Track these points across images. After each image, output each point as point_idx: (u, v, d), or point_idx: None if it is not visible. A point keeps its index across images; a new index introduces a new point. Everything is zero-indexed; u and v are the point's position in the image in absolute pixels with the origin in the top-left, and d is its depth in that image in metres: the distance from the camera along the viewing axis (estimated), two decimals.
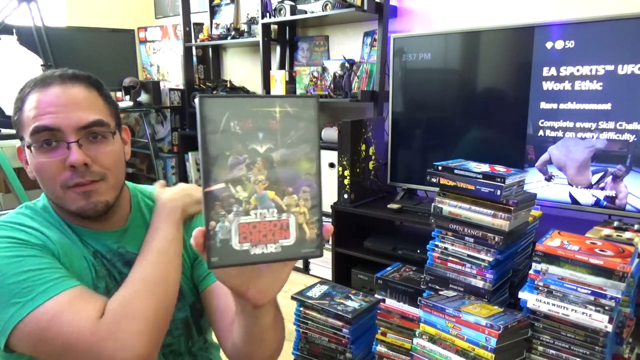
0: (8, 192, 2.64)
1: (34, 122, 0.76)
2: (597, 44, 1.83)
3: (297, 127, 0.52)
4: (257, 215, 0.52)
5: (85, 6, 3.79)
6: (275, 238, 0.52)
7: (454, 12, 2.48)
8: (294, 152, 0.52)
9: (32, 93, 0.79)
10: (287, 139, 0.52)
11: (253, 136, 0.51)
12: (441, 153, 2.29)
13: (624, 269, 0.78)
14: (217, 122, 0.50)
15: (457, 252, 0.99)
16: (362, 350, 1.08)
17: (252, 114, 0.51)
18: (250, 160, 0.51)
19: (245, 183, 0.51)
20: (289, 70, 3.08)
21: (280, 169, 0.52)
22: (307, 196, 0.52)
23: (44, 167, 0.77)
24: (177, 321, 0.90)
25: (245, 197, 0.51)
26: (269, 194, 0.52)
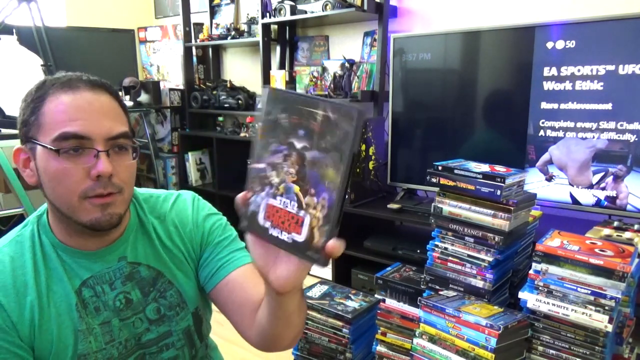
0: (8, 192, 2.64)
1: (62, 126, 0.72)
2: (597, 44, 1.83)
3: (333, 134, 0.52)
4: (282, 203, 0.56)
5: (85, 6, 3.79)
6: (290, 229, 0.55)
7: (454, 12, 2.48)
8: (324, 157, 0.53)
9: (55, 94, 0.74)
10: (322, 142, 0.53)
11: (295, 131, 0.55)
12: (441, 153, 2.29)
13: (624, 269, 0.77)
14: (274, 113, 0.56)
15: (457, 252, 0.99)
16: (362, 350, 1.08)
17: (300, 112, 0.54)
18: (287, 152, 0.55)
19: (279, 170, 0.56)
20: (289, 70, 3.08)
21: (309, 169, 0.54)
22: (324, 203, 0.53)
23: (67, 174, 0.73)
24: (179, 332, 0.89)
25: (277, 183, 0.56)
26: (295, 188, 0.55)
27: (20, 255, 0.79)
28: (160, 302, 0.87)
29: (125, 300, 0.83)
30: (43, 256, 0.80)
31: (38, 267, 0.78)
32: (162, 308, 0.87)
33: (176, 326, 0.88)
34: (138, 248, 0.86)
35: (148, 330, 0.86)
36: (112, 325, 0.82)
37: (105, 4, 3.90)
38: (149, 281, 0.86)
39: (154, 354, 0.87)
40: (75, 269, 0.80)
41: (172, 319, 0.88)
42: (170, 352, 0.88)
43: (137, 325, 0.85)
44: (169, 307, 0.88)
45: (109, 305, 0.82)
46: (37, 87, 0.77)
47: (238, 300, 0.86)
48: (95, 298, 0.81)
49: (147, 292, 0.86)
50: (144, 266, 0.86)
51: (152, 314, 0.86)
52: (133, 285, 0.85)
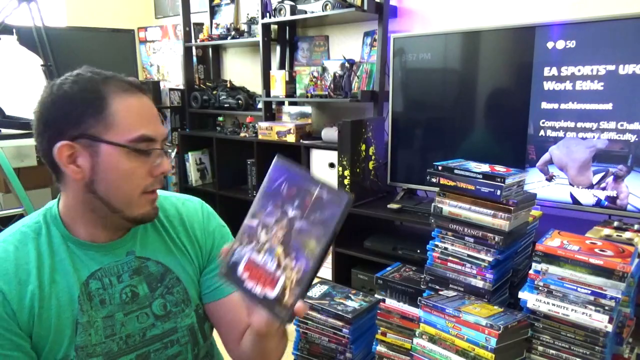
0: (8, 192, 2.64)
1: (141, 129, 0.77)
2: (598, 44, 1.83)
3: (323, 212, 0.61)
4: (262, 260, 0.63)
5: (85, 6, 3.79)
6: (264, 285, 0.62)
7: (454, 12, 2.48)
8: (310, 230, 0.61)
9: (120, 96, 0.77)
10: (311, 216, 0.61)
11: (290, 201, 0.63)
12: (441, 153, 2.29)
13: (624, 269, 0.77)
14: (275, 180, 0.64)
15: (457, 252, 0.99)
16: (362, 350, 1.08)
17: (299, 185, 0.63)
18: (280, 217, 0.63)
19: (269, 231, 0.64)
20: (289, 70, 3.08)
21: (295, 236, 0.62)
22: (300, 269, 0.61)
23: (136, 172, 0.78)
24: (184, 329, 0.90)
25: (263, 241, 0.64)
26: (277, 249, 0.63)
27: (24, 244, 0.80)
28: (167, 298, 0.88)
29: (132, 294, 0.84)
30: (50, 247, 0.81)
31: (42, 257, 0.79)
32: (169, 304, 0.88)
33: (181, 322, 0.89)
34: (148, 244, 0.88)
35: (153, 325, 0.86)
36: (115, 319, 0.82)
37: (105, 4, 3.90)
38: (157, 277, 0.88)
39: (159, 351, 0.87)
40: (85, 261, 0.82)
41: (177, 315, 0.89)
42: (175, 349, 0.89)
43: (142, 320, 0.85)
44: (175, 304, 0.89)
45: (115, 298, 0.83)
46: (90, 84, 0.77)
47: (231, 322, 0.91)
48: (102, 290, 0.82)
49: (155, 287, 0.87)
50: (152, 262, 0.87)
51: (159, 309, 0.87)
52: (141, 279, 0.86)
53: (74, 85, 0.76)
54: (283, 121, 3.14)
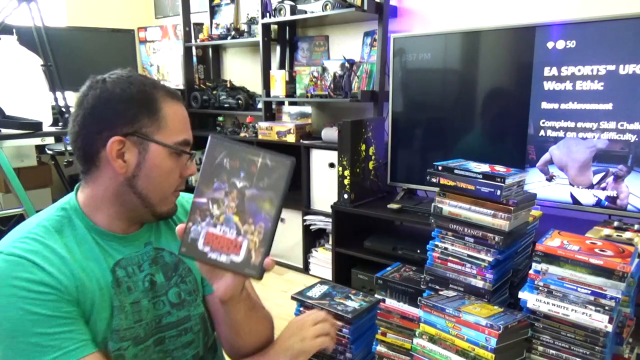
0: (8, 192, 2.64)
1: (184, 134, 0.86)
2: (598, 44, 1.83)
3: (270, 177, 0.67)
4: (221, 230, 0.68)
5: (85, 6, 3.79)
6: (229, 252, 0.68)
7: (454, 12, 2.48)
8: (261, 194, 0.67)
9: (168, 102, 0.84)
10: (260, 183, 0.67)
11: (236, 173, 0.68)
12: (441, 153, 2.29)
13: (624, 269, 0.77)
14: (215, 156, 0.68)
15: (457, 252, 0.99)
16: (362, 350, 1.07)
17: (241, 157, 0.67)
18: (228, 189, 0.68)
19: (220, 204, 0.68)
20: (289, 70, 3.08)
21: (248, 203, 0.68)
22: (261, 230, 0.67)
23: (173, 172, 0.85)
24: (196, 317, 0.94)
25: (217, 214, 0.68)
26: (234, 217, 0.68)
27: (50, 235, 0.80)
28: (182, 287, 0.92)
29: (151, 282, 0.88)
30: (75, 237, 0.82)
31: (71, 246, 0.81)
32: (183, 293, 0.92)
33: (194, 311, 0.93)
34: (161, 235, 0.93)
35: (169, 313, 0.90)
36: (142, 305, 0.86)
37: (105, 4, 3.90)
38: (171, 266, 0.92)
39: (174, 337, 0.91)
40: (109, 251, 0.85)
41: (191, 304, 0.93)
42: (188, 337, 0.92)
43: (158, 307, 0.89)
44: (189, 293, 0.93)
45: (138, 285, 0.86)
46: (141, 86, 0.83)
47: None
48: (127, 278, 0.85)
49: (170, 276, 0.91)
50: (167, 252, 0.92)
51: (174, 297, 0.91)
52: (157, 268, 0.90)
53: (131, 86, 0.82)
54: (283, 121, 3.14)
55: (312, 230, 2.90)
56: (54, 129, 2.27)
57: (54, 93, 2.27)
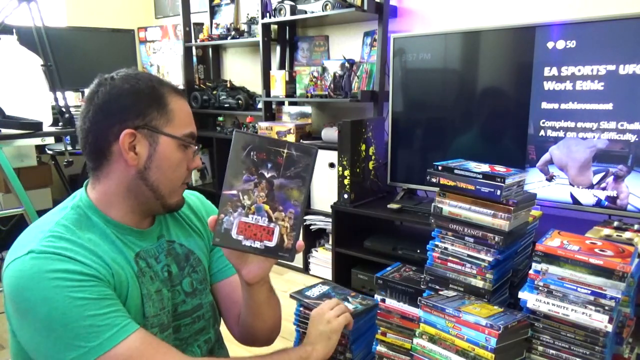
0: (8, 192, 2.64)
1: (190, 127, 0.90)
2: (598, 44, 1.83)
3: (297, 166, 0.72)
4: (253, 219, 0.73)
5: (85, 6, 3.79)
6: (262, 238, 0.73)
7: (454, 12, 2.48)
8: (289, 183, 0.72)
9: (174, 97, 0.87)
10: (287, 172, 0.72)
11: (263, 165, 0.72)
12: (441, 153, 2.29)
13: (624, 269, 0.77)
14: (242, 150, 0.72)
15: (457, 252, 0.99)
16: (362, 350, 1.07)
17: (267, 150, 0.72)
18: (257, 180, 0.72)
19: (250, 195, 0.72)
20: (289, 70, 3.08)
21: (277, 192, 0.72)
22: (291, 216, 0.73)
23: (181, 164, 0.88)
24: (207, 304, 0.98)
25: (248, 204, 0.72)
26: (264, 207, 0.72)
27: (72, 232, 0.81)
28: (193, 277, 0.96)
29: (167, 273, 0.92)
30: (96, 233, 0.84)
31: (94, 241, 0.82)
32: (195, 282, 0.96)
33: (205, 299, 0.98)
34: (171, 229, 0.97)
35: (184, 302, 0.94)
36: (163, 294, 0.89)
37: (105, 4, 3.90)
38: (183, 257, 0.96)
39: (188, 325, 0.94)
40: (127, 243, 0.87)
41: (202, 292, 0.97)
42: (201, 324, 0.97)
43: (175, 296, 0.92)
44: (200, 282, 0.97)
45: (159, 275, 0.90)
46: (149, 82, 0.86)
47: (235, 299, 0.99)
48: (148, 268, 0.88)
49: (183, 266, 0.95)
50: (177, 244, 0.96)
51: (188, 287, 0.95)
52: (171, 259, 0.94)
53: (139, 82, 0.85)
54: (283, 121, 3.14)
55: (312, 230, 2.90)
56: (54, 129, 2.27)
57: (54, 93, 2.27)
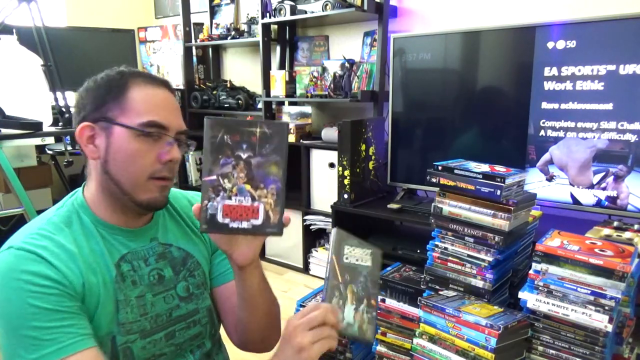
0: (8, 192, 2.63)
1: (151, 115, 0.83)
2: (598, 44, 1.83)
3: (271, 143, 0.73)
4: (237, 200, 0.72)
5: (85, 6, 3.79)
6: (248, 217, 0.73)
7: (454, 12, 2.48)
8: (267, 160, 0.73)
9: (139, 85, 0.84)
10: (263, 150, 0.73)
11: (239, 146, 0.72)
12: (441, 153, 2.29)
13: (624, 269, 0.77)
14: (215, 135, 0.71)
15: (457, 252, 0.99)
16: (362, 350, 1.08)
17: (240, 131, 0.72)
18: (235, 162, 0.72)
19: (230, 177, 0.72)
20: (289, 70, 3.08)
21: (256, 170, 0.73)
22: (273, 191, 0.73)
23: (142, 155, 0.83)
24: (204, 310, 0.96)
25: (229, 187, 0.72)
26: (246, 186, 0.73)
27: (59, 231, 0.82)
28: (190, 281, 0.94)
29: (158, 277, 0.90)
30: (83, 232, 0.84)
31: (79, 242, 0.83)
32: (191, 287, 0.94)
33: (202, 304, 0.95)
34: (168, 231, 0.95)
35: (178, 306, 0.92)
36: (146, 299, 0.87)
37: (105, 4, 3.90)
38: (179, 261, 0.94)
39: (183, 330, 0.92)
40: (115, 245, 0.86)
41: (199, 297, 0.95)
42: (197, 329, 0.94)
43: (168, 301, 0.91)
44: (197, 286, 0.95)
45: (144, 279, 0.88)
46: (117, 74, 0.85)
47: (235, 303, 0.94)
48: (132, 272, 0.86)
49: (178, 270, 0.93)
50: (174, 247, 0.94)
51: (183, 291, 0.93)
52: (165, 263, 0.91)
53: (104, 76, 0.85)
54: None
55: (312, 230, 2.90)
56: (54, 129, 2.27)
57: (54, 93, 2.27)
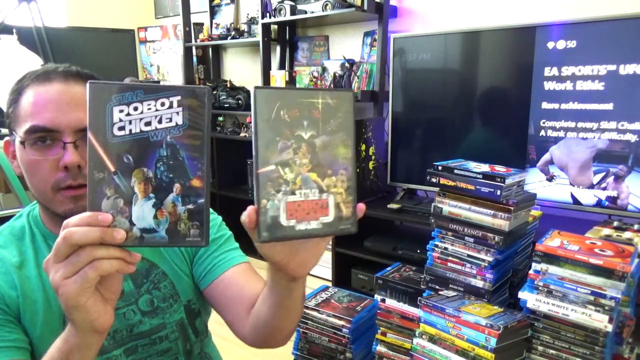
0: (8, 192, 2.64)
1: (31, 119, 0.73)
2: (598, 44, 1.83)
3: (336, 117, 0.58)
4: (302, 195, 0.57)
5: (85, 6, 3.79)
6: (317, 215, 0.58)
7: (454, 12, 2.48)
8: (333, 139, 0.58)
9: (31, 86, 0.76)
10: (328, 126, 0.58)
11: (299, 124, 0.57)
12: (441, 153, 2.29)
13: (624, 269, 0.77)
14: (269, 111, 0.55)
15: (457, 252, 0.99)
16: (362, 350, 1.07)
17: (299, 104, 0.57)
18: (296, 145, 0.57)
19: (292, 165, 0.57)
20: (289, 70, 3.08)
21: (322, 153, 0.58)
22: (343, 178, 0.58)
23: (37, 166, 0.74)
24: (172, 324, 0.89)
25: (292, 178, 0.57)
26: (311, 176, 0.58)
27: (5, 246, 0.80)
28: (154, 294, 0.87)
29: None
30: (33, 246, 0.81)
31: (26, 255, 0.80)
32: (156, 300, 0.87)
33: (170, 318, 0.88)
34: None
35: (141, 322, 0.86)
36: None
37: (105, 4, 3.90)
38: (142, 273, 0.86)
39: (147, 346, 0.86)
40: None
41: (165, 310, 0.88)
42: (164, 345, 0.88)
43: (128, 317, 0.84)
44: (163, 299, 0.88)
45: None
46: (18, 80, 0.78)
47: (233, 298, 0.87)
48: None
49: (140, 283, 0.86)
50: None
51: (145, 305, 0.86)
52: (125, 276, 0.83)
53: (14, 83, 0.79)
54: None
55: None
56: None
57: None
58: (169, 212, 0.56)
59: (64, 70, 0.78)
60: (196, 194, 0.56)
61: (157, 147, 0.55)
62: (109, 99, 0.54)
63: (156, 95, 0.55)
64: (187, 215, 0.56)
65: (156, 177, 0.55)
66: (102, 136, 0.54)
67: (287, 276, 0.65)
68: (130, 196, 0.55)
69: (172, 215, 0.56)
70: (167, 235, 0.55)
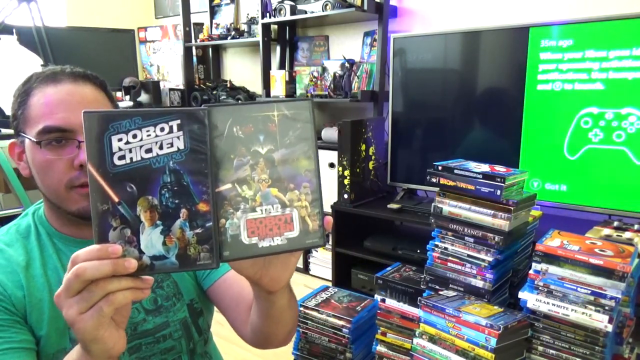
0: (8, 192, 2.64)
1: (44, 120, 0.75)
2: (597, 44, 1.83)
3: (295, 128, 0.56)
4: (263, 211, 0.56)
5: (85, 6, 3.79)
6: (281, 231, 0.56)
7: (454, 12, 2.48)
8: (293, 151, 0.56)
9: (39, 88, 0.77)
10: (286, 139, 0.56)
11: (254, 139, 0.56)
12: (441, 153, 2.29)
13: (624, 269, 0.77)
14: (221, 128, 0.55)
15: (457, 252, 0.99)
16: (362, 350, 1.08)
17: (253, 119, 0.56)
18: (253, 162, 0.55)
19: (250, 182, 0.56)
20: (289, 70, 3.08)
21: (282, 168, 0.56)
22: (307, 191, 0.57)
23: (51, 165, 0.76)
24: (176, 322, 0.90)
25: (251, 195, 0.56)
26: (272, 191, 0.56)
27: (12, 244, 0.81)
28: (157, 293, 0.88)
29: None
30: (38, 245, 0.82)
31: (32, 254, 0.80)
32: (159, 299, 0.88)
33: (173, 317, 0.89)
34: None
35: (145, 320, 0.86)
36: None
37: (105, 4, 3.90)
38: None
39: (151, 344, 0.87)
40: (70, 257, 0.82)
41: (169, 309, 0.89)
42: (167, 343, 0.89)
43: (132, 315, 0.85)
44: (166, 298, 0.89)
45: None
46: (24, 81, 0.79)
47: (235, 297, 0.89)
48: None
49: None
50: None
51: (149, 304, 0.87)
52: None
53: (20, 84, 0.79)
54: None
55: None
56: None
57: None
58: (177, 237, 0.54)
59: (72, 72, 0.80)
60: (204, 218, 0.55)
61: (160, 173, 0.54)
62: (106, 128, 0.53)
63: (155, 121, 0.54)
64: (196, 240, 0.55)
65: (161, 204, 0.54)
66: (102, 167, 0.53)
67: (263, 290, 0.67)
68: (137, 225, 0.54)
69: (181, 240, 0.54)
70: (177, 261, 0.54)
